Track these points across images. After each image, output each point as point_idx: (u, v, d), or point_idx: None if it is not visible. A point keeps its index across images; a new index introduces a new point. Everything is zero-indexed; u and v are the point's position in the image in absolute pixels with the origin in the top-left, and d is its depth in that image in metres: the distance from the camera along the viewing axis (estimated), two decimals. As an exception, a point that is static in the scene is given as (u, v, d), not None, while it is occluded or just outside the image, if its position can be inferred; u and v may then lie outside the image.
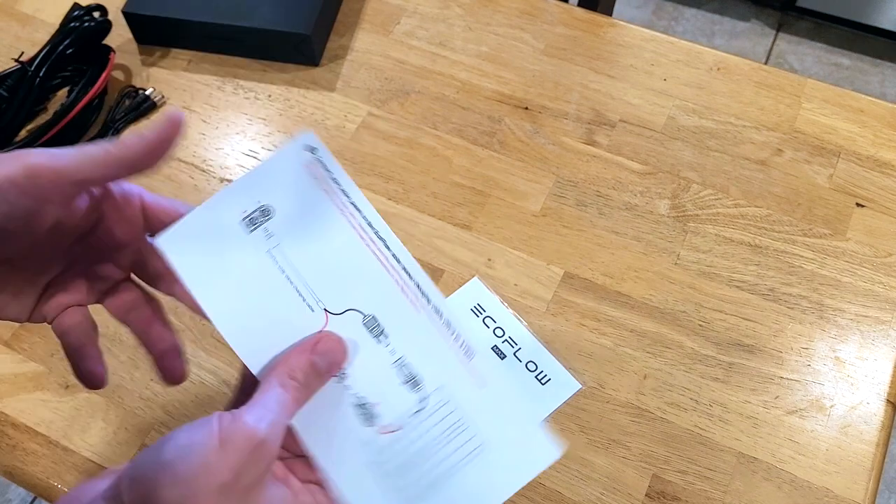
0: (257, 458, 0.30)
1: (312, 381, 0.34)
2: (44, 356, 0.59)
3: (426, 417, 0.35)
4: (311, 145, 0.36)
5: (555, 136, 0.68)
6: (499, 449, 0.35)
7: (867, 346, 0.58)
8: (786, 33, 1.86)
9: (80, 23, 0.69)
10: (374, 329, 0.35)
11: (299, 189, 0.36)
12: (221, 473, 0.29)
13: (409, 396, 0.35)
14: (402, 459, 0.34)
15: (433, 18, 0.77)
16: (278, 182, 0.36)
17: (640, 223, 0.63)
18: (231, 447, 0.29)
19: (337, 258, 0.36)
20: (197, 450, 0.29)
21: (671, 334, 0.58)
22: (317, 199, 0.36)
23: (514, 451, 0.35)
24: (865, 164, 0.66)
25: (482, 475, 0.34)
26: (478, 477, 0.34)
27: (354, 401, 0.35)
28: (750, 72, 0.72)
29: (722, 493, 0.52)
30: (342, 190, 0.36)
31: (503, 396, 0.35)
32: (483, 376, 0.35)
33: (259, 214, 0.36)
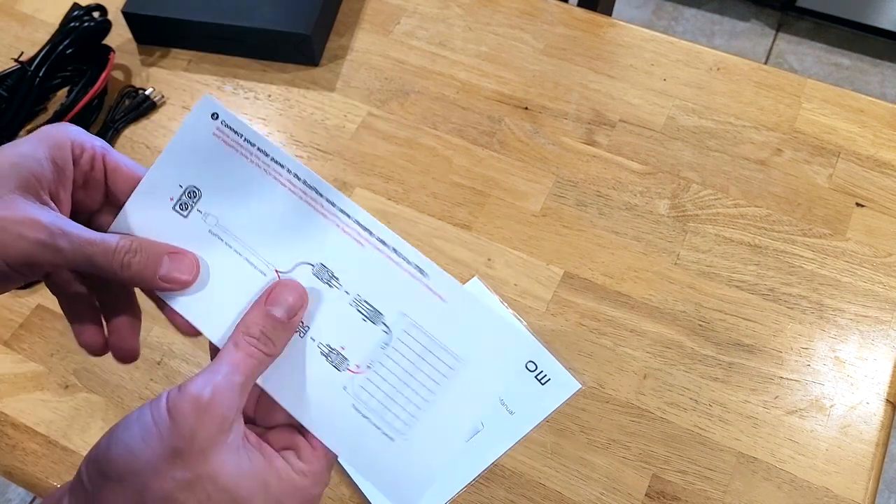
0: (207, 421, 0.30)
1: (273, 332, 0.34)
2: (43, 356, 0.59)
3: (396, 347, 0.35)
4: (213, 111, 0.36)
5: (555, 136, 0.68)
6: (475, 358, 0.34)
7: (867, 346, 0.58)
8: (786, 33, 1.86)
9: (79, 23, 0.69)
10: (324, 276, 0.35)
11: (216, 160, 0.36)
12: (171, 439, 0.30)
13: (373, 331, 0.35)
14: (382, 394, 0.34)
15: (433, 18, 0.77)
16: (193, 158, 0.36)
17: (640, 223, 0.63)
18: (178, 415, 0.30)
19: (274, 218, 0.36)
20: (144, 421, 0.30)
21: (671, 334, 0.58)
22: (237, 165, 0.36)
23: (491, 356, 0.34)
24: (865, 164, 0.66)
25: (465, 388, 0.34)
26: (461, 390, 0.34)
27: (320, 350, 0.35)
28: (750, 72, 0.72)
29: (722, 493, 0.52)
30: (259, 149, 0.36)
31: (466, 307, 0.35)
32: (442, 292, 0.35)
33: (187, 198, 0.36)
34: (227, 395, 0.31)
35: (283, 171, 0.36)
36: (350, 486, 0.53)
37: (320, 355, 0.35)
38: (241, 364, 0.32)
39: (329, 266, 0.35)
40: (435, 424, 0.34)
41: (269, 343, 0.33)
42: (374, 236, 0.35)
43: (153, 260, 0.35)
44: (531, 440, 0.54)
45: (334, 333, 0.35)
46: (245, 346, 0.33)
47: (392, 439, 0.34)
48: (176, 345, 0.59)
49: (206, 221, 0.36)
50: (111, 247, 0.34)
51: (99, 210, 0.38)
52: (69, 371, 0.58)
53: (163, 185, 0.37)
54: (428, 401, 0.34)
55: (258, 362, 0.33)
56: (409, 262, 0.35)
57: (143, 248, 0.35)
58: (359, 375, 0.35)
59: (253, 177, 0.36)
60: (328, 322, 0.35)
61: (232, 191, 0.36)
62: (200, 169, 0.36)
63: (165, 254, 0.35)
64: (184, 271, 0.35)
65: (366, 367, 0.35)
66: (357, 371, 0.35)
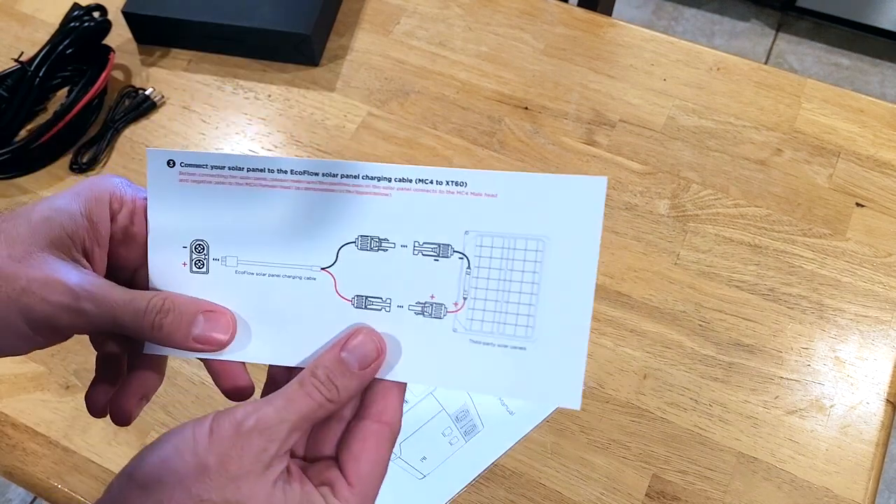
0: (244, 448, 0.29)
1: (341, 379, 0.32)
2: (44, 356, 0.59)
3: (479, 265, 0.33)
4: (167, 159, 0.35)
5: (555, 136, 0.68)
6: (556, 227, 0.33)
7: (867, 346, 0.58)
8: (786, 33, 1.86)
9: (79, 23, 0.69)
10: (370, 244, 0.34)
11: (199, 203, 0.35)
12: (203, 456, 0.29)
13: (449, 265, 0.33)
14: (491, 314, 0.33)
15: (433, 18, 0.77)
16: (178, 215, 0.35)
17: (640, 223, 0.63)
18: (216, 435, 0.29)
19: (287, 222, 0.34)
20: (184, 435, 0.30)
21: (671, 334, 0.58)
22: (221, 196, 0.34)
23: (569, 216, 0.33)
24: (865, 164, 0.66)
25: (565, 260, 0.32)
26: (562, 264, 0.33)
27: (414, 311, 0.34)
28: (750, 72, 0.72)
29: (722, 493, 0.52)
30: (230, 168, 0.34)
31: (518, 187, 0.33)
32: (488, 189, 0.33)
33: (197, 254, 0.35)
34: (272, 428, 0.30)
35: (266, 174, 0.34)
36: (350, 486, 0.53)
37: (416, 315, 0.34)
38: (297, 402, 0.31)
39: (369, 233, 0.34)
40: (556, 309, 0.33)
41: (333, 390, 0.32)
42: (392, 181, 0.34)
43: (186, 320, 0.33)
44: (531, 440, 0.54)
45: (417, 288, 0.34)
46: (308, 386, 0.32)
47: (524, 349, 0.33)
48: (176, 345, 0.59)
49: (227, 266, 0.35)
50: (141, 307, 0.32)
51: (142, 265, 0.36)
52: (69, 371, 0.58)
53: (168, 255, 0.35)
54: (536, 294, 0.33)
55: (318, 406, 0.31)
56: (442, 182, 0.33)
57: (176, 307, 0.33)
58: (461, 311, 0.33)
59: (243, 198, 0.34)
60: (404, 282, 0.34)
61: (233, 223, 0.35)
62: (191, 220, 0.35)
63: (200, 312, 0.33)
64: (219, 330, 0.34)
65: (462, 299, 0.33)
66: (458, 308, 0.33)
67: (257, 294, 0.35)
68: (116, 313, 0.32)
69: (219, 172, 0.35)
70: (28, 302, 0.31)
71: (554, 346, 0.33)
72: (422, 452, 0.54)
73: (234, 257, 0.35)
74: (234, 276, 0.35)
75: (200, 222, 0.35)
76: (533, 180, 0.33)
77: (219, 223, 0.35)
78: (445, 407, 0.55)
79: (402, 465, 0.53)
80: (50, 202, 0.33)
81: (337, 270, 0.34)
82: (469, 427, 0.55)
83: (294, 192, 0.34)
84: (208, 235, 0.35)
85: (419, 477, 0.53)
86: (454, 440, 0.54)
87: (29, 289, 0.31)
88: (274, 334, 0.35)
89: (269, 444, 0.30)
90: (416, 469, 0.53)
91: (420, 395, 0.56)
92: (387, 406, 0.34)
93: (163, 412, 0.56)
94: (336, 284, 0.34)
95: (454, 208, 0.33)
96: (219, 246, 0.35)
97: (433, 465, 0.53)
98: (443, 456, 0.54)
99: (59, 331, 0.32)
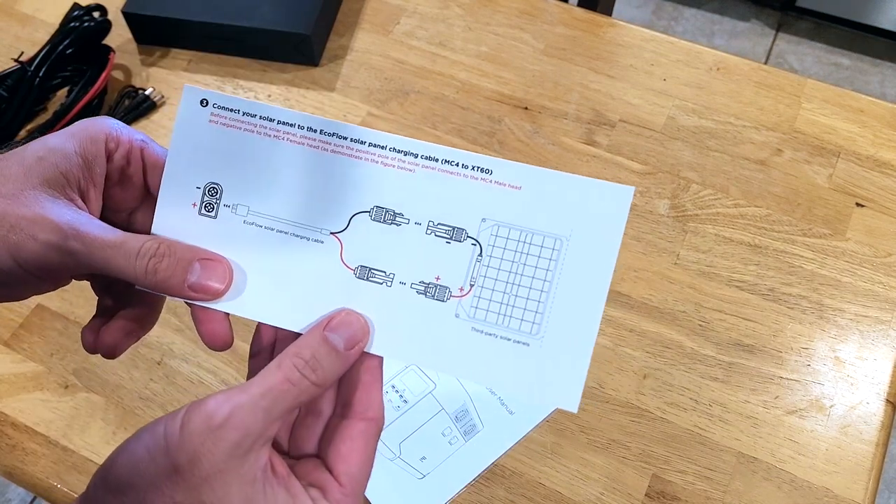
0: (215, 444, 0.27)
1: (326, 359, 0.30)
2: (43, 356, 0.59)
3: (491, 254, 0.32)
4: (201, 98, 0.34)
5: (555, 136, 0.68)
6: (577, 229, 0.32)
7: (867, 346, 0.58)
8: (786, 33, 1.86)
9: (79, 23, 0.69)
10: (384, 217, 0.33)
11: (224, 146, 0.34)
12: (174, 456, 0.27)
13: (461, 249, 0.33)
14: (497, 305, 0.32)
15: (433, 18, 0.77)
16: (199, 154, 0.34)
17: (640, 223, 0.63)
18: (187, 432, 0.27)
19: (306, 181, 0.33)
20: (156, 433, 0.28)
21: (671, 334, 0.58)
22: (247, 144, 0.34)
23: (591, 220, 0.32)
24: (865, 164, 0.66)
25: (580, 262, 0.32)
26: (577, 266, 0.32)
27: (416, 290, 0.33)
28: (750, 72, 0.72)
29: (722, 493, 0.52)
30: (261, 118, 0.34)
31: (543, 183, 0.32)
32: (513, 181, 0.32)
33: (209, 197, 0.34)
34: (246, 418, 0.28)
35: (296, 130, 0.33)
36: (350, 486, 0.53)
37: (418, 294, 0.33)
38: (275, 387, 0.29)
39: (385, 205, 0.33)
40: (565, 311, 0.32)
41: (318, 370, 0.30)
42: (419, 157, 0.33)
43: (182, 266, 0.32)
44: (531, 440, 0.54)
45: (423, 268, 0.33)
46: (288, 369, 0.30)
47: (527, 345, 0.32)
48: (176, 344, 0.59)
49: (236, 214, 0.34)
50: (133, 249, 0.31)
51: (138, 207, 0.35)
52: (69, 371, 0.58)
53: (180, 193, 0.34)
54: (546, 291, 0.32)
55: (298, 390, 0.29)
56: (468, 167, 0.33)
57: (172, 252, 0.31)
58: (466, 297, 0.32)
59: (267, 149, 0.33)
60: (411, 259, 0.33)
61: (252, 172, 0.34)
62: (211, 162, 0.34)
63: (196, 260, 0.32)
64: (215, 279, 0.32)
65: (469, 286, 0.32)
66: (462, 294, 0.32)
67: (261, 247, 0.34)
68: (107, 254, 0.31)
69: (249, 120, 0.34)
70: (16, 240, 0.30)
71: (559, 347, 0.32)
72: (422, 452, 0.54)
73: (245, 206, 0.34)
74: (242, 226, 0.34)
75: (220, 166, 0.34)
76: (561, 179, 0.32)
77: (238, 170, 0.34)
78: (445, 407, 0.55)
79: (401, 465, 0.53)
80: (43, 142, 0.32)
81: (346, 237, 0.33)
82: (469, 427, 0.55)
83: (317, 153, 0.33)
84: (224, 180, 0.34)
85: (419, 477, 0.53)
86: (454, 440, 0.54)
87: (17, 226, 0.30)
88: (270, 292, 0.33)
89: (244, 437, 0.28)
90: (415, 469, 0.53)
91: (420, 395, 0.56)
92: (371, 401, 0.32)
93: (162, 411, 0.56)
94: (342, 251, 0.33)
95: (475, 194, 0.33)
96: (233, 192, 0.34)
97: (433, 465, 0.53)
98: (443, 456, 0.54)
99: (52, 272, 0.31)
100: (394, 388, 0.56)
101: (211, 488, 0.27)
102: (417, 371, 0.56)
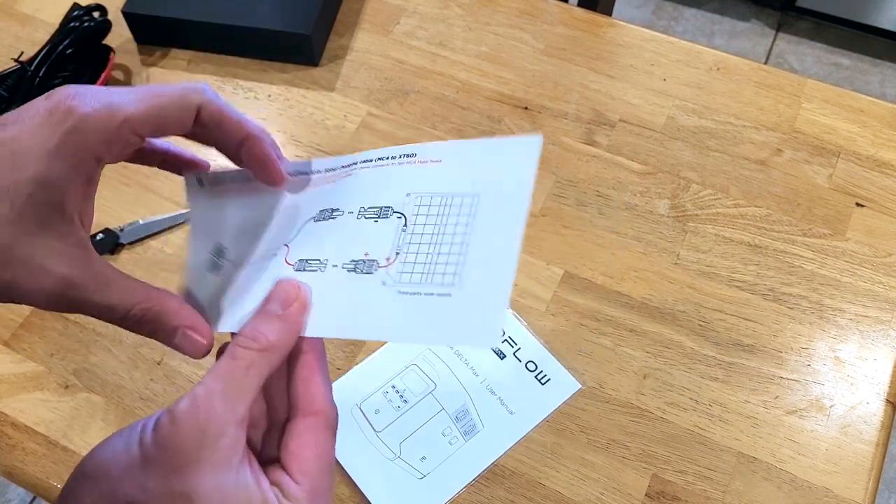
0: (182, 435, 0.29)
1: (267, 326, 0.32)
2: (43, 356, 0.59)
3: (415, 222, 0.34)
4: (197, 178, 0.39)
5: (555, 136, 0.68)
6: (491, 182, 0.33)
7: (867, 346, 0.58)
8: (786, 33, 1.85)
9: (79, 23, 0.69)
10: (324, 215, 0.36)
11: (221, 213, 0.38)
12: (147, 448, 0.29)
13: (387, 224, 0.34)
14: (421, 265, 0.33)
15: (433, 18, 0.77)
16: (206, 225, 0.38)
17: (640, 223, 0.63)
18: (159, 427, 0.29)
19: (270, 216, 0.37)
20: (134, 429, 0.30)
21: (671, 334, 0.58)
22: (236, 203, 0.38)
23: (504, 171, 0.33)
24: (865, 164, 0.66)
25: (496, 210, 0.33)
26: (493, 215, 0.33)
27: (347, 269, 0.34)
28: (750, 72, 0.72)
29: (722, 493, 0.52)
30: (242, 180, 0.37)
31: (460, 152, 0.35)
32: (434, 156, 0.35)
33: (217, 258, 0.38)
34: (203, 406, 0.29)
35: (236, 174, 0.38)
36: (350, 485, 0.53)
37: (348, 273, 0.34)
38: (223, 370, 0.30)
39: (326, 206, 0.36)
40: (483, 258, 0.33)
41: (259, 338, 0.31)
42: (358, 164, 0.36)
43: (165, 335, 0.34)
44: (531, 440, 0.54)
45: (353, 248, 0.34)
46: (231, 350, 0.31)
47: (449, 295, 0.32)
48: (176, 345, 0.59)
49: (231, 263, 0.37)
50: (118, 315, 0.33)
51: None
52: (69, 371, 0.58)
53: (200, 263, 0.38)
54: (465, 244, 0.33)
55: (246, 362, 0.31)
56: (396, 157, 0.35)
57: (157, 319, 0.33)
58: (392, 265, 0.34)
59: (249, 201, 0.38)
60: (343, 244, 0.35)
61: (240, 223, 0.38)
62: (215, 228, 0.38)
63: (179, 328, 0.34)
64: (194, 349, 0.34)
65: (394, 254, 0.34)
66: (389, 263, 0.34)
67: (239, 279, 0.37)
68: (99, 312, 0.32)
69: (232, 184, 0.38)
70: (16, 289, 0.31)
71: (478, 291, 0.32)
72: (422, 452, 0.54)
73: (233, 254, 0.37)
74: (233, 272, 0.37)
75: (222, 228, 0.38)
76: (475, 144, 0.34)
77: (231, 226, 0.38)
78: (445, 407, 0.55)
79: (401, 465, 0.53)
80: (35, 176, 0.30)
81: (294, 242, 0.36)
82: (469, 427, 0.55)
83: (279, 193, 0.38)
84: (226, 238, 0.38)
85: (419, 477, 0.53)
86: (454, 440, 0.54)
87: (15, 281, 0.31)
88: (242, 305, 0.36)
89: (206, 422, 0.29)
90: (415, 469, 0.53)
91: (420, 395, 0.56)
92: (312, 396, 0.33)
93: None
94: (288, 254, 0.36)
95: (401, 176, 0.35)
96: (231, 247, 0.38)
97: (433, 465, 0.53)
98: (443, 456, 0.54)
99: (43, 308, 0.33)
100: (394, 388, 0.56)
101: (182, 476, 0.29)
102: (417, 371, 0.57)
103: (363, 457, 0.54)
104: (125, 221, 0.64)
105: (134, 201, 0.66)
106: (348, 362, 0.58)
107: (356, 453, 0.54)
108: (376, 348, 0.58)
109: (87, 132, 0.31)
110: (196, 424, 0.29)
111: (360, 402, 0.56)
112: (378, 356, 0.58)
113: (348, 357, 0.58)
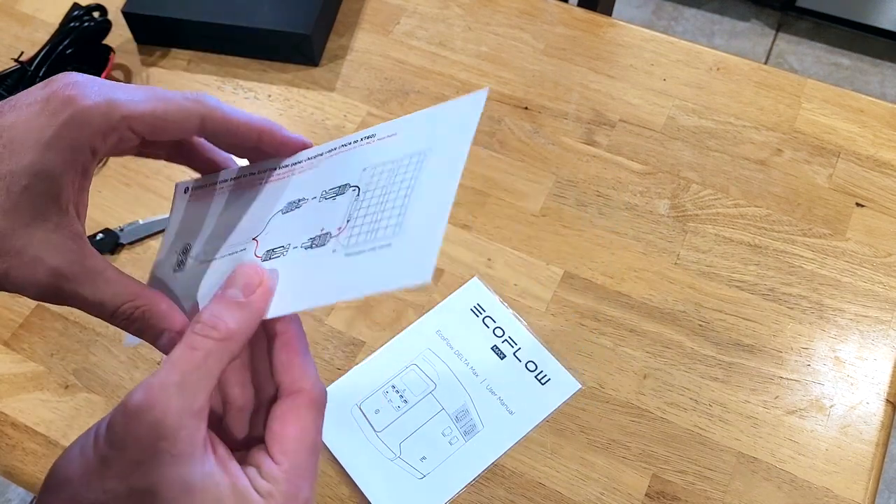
0: (136, 429, 0.27)
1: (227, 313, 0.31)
2: (43, 356, 0.59)
3: (367, 189, 0.35)
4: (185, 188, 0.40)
5: (555, 136, 0.68)
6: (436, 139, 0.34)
7: (867, 346, 0.58)
8: (786, 33, 1.85)
9: (79, 23, 0.69)
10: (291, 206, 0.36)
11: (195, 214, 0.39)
12: (102, 449, 0.28)
13: (344, 199, 0.35)
14: (367, 225, 0.34)
15: (433, 18, 0.77)
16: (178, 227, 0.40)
17: (640, 223, 0.63)
18: (111, 425, 0.28)
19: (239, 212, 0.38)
20: (89, 432, 0.29)
21: (671, 334, 0.58)
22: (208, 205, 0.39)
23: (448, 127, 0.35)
24: (865, 164, 0.66)
25: (437, 162, 0.34)
26: (434, 166, 0.34)
27: (305, 246, 0.35)
28: (750, 72, 0.72)
29: (722, 493, 0.52)
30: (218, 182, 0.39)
31: (414, 122, 0.35)
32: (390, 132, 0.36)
33: (182, 255, 0.39)
34: (159, 396, 0.28)
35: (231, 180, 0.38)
36: (350, 485, 0.53)
37: (306, 251, 0.34)
38: (179, 360, 0.29)
39: (293, 198, 0.37)
40: (421, 206, 0.33)
41: (219, 325, 0.30)
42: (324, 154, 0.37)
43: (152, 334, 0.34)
44: (531, 440, 0.54)
45: (311, 228, 0.35)
46: (189, 338, 0.30)
47: (390, 245, 0.33)
48: (176, 345, 0.59)
49: (196, 260, 0.38)
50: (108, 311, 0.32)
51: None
52: (69, 371, 0.58)
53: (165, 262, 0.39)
54: (408, 196, 0.33)
55: (204, 352, 0.29)
56: (358, 140, 0.36)
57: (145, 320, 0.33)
58: (343, 233, 0.34)
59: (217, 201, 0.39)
60: (304, 227, 0.35)
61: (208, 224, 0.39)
62: (187, 231, 0.39)
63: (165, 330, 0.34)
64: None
65: (345, 222, 0.34)
66: (339, 232, 0.34)
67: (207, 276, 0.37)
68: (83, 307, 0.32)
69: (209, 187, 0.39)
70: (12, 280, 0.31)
71: (413, 235, 0.32)
72: (422, 452, 0.54)
73: (199, 251, 0.38)
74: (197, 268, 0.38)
75: (189, 229, 0.39)
76: (426, 112, 0.35)
77: (200, 227, 0.39)
78: (445, 407, 0.55)
79: (401, 465, 0.53)
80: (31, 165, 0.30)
81: (263, 237, 0.36)
82: (469, 427, 0.55)
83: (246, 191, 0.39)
84: (193, 238, 0.39)
85: (419, 477, 0.53)
86: (454, 440, 0.54)
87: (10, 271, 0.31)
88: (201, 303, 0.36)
89: (164, 415, 0.28)
90: (415, 469, 0.53)
91: (420, 395, 0.56)
92: (295, 375, 0.32)
93: (162, 412, 0.56)
94: (256, 248, 0.36)
95: (360, 156, 0.36)
96: (196, 245, 0.39)
97: (433, 465, 0.53)
98: (443, 456, 0.54)
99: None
100: (394, 388, 0.56)
101: (142, 473, 0.27)
102: (417, 371, 0.57)
103: (363, 457, 0.54)
104: (125, 221, 0.64)
105: (134, 201, 0.66)
106: (348, 362, 0.58)
107: (356, 453, 0.54)
108: (376, 348, 0.58)
109: (85, 124, 0.30)
110: (152, 418, 0.28)
111: (360, 402, 0.56)
112: (378, 356, 0.58)
113: (348, 357, 0.58)
